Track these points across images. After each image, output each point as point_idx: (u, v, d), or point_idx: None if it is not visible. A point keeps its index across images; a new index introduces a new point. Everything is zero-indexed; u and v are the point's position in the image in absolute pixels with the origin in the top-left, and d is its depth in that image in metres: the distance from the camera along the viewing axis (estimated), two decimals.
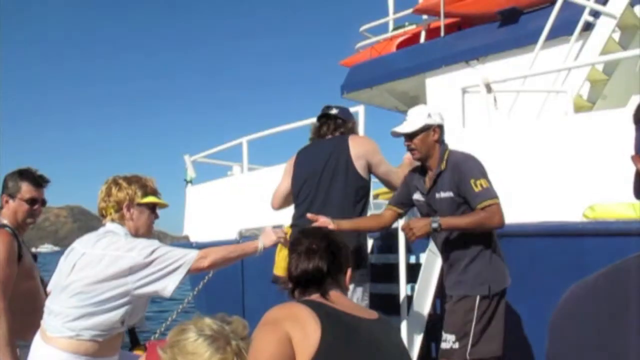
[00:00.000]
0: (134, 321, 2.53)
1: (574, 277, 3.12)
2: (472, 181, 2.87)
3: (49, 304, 2.49)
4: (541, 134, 4.03)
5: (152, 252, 2.38)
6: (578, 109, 4.88)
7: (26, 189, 2.98)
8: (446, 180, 2.98)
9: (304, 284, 1.80)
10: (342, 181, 3.27)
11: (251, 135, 6.22)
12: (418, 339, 3.72)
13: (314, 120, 4.72)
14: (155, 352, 1.90)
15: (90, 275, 2.36)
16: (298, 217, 3.39)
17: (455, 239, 3.01)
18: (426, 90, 6.66)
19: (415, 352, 3.66)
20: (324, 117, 3.56)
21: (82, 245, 2.52)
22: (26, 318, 2.83)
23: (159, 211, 2.74)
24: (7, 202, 2.98)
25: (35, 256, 3.17)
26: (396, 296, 3.76)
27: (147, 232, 2.66)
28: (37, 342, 2.47)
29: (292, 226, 3.37)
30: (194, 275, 2.76)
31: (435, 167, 3.05)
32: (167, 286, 2.38)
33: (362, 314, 1.77)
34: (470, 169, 2.93)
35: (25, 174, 3.02)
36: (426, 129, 3.02)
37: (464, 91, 4.54)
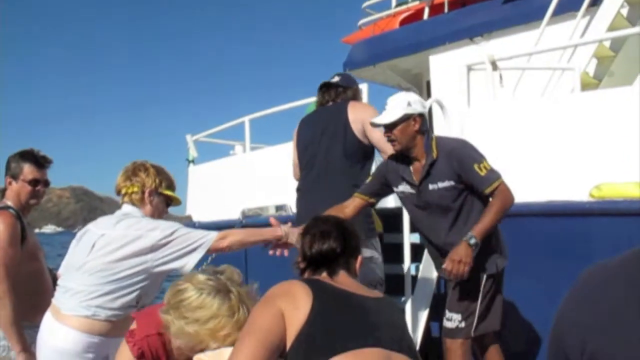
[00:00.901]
0: (148, 301, 2.54)
1: (579, 257, 3.14)
2: (475, 166, 2.81)
3: (64, 283, 2.50)
4: (547, 112, 3.97)
5: (174, 232, 2.42)
6: (584, 86, 4.81)
7: (28, 170, 2.95)
8: (443, 169, 2.90)
9: (316, 264, 1.86)
10: (340, 144, 3.32)
11: (253, 114, 6.17)
12: (422, 319, 3.73)
13: (315, 98, 4.69)
14: (145, 320, 1.92)
15: (112, 253, 2.39)
16: (302, 183, 3.51)
17: (456, 225, 2.95)
18: (429, 68, 6.57)
19: (419, 331, 3.67)
20: (325, 86, 3.60)
21: (100, 227, 2.54)
22: (32, 299, 2.84)
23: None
24: (10, 183, 2.96)
25: None
26: (401, 276, 3.75)
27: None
28: (49, 321, 2.47)
29: (297, 190, 3.50)
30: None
31: (423, 158, 2.96)
32: (187, 264, 2.42)
33: (363, 293, 1.77)
34: (469, 154, 2.87)
35: (27, 155, 2.99)
36: (406, 118, 2.92)
37: (469, 68, 4.47)
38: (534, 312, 3.59)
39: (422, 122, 2.97)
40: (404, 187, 3.06)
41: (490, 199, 2.83)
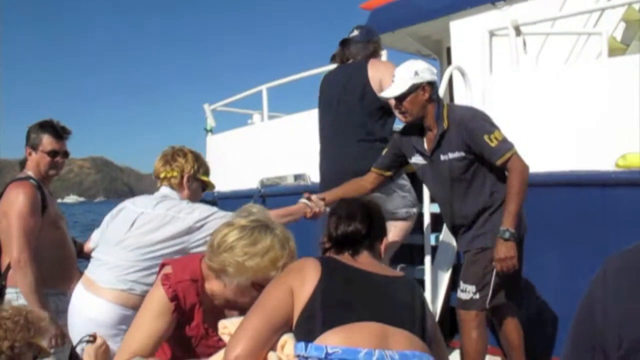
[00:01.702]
0: None
1: (603, 228, 3.08)
2: (485, 137, 2.76)
3: (100, 256, 2.57)
4: (572, 79, 3.86)
5: (211, 214, 2.51)
6: (612, 51, 4.66)
7: (47, 141, 2.97)
8: (453, 139, 2.86)
9: (340, 245, 1.87)
10: (361, 103, 3.38)
11: (271, 82, 6.12)
12: (442, 289, 3.71)
13: (333, 66, 4.66)
14: (180, 266, 1.96)
15: (151, 232, 2.48)
16: (323, 142, 3.61)
17: (467, 196, 2.92)
18: (450, 34, 6.43)
19: (439, 301, 3.66)
20: (345, 42, 3.61)
21: (139, 206, 2.63)
22: (55, 267, 2.90)
23: None
24: (30, 154, 2.99)
25: None
26: (420, 246, 3.73)
27: None
28: (82, 293, 2.54)
29: (320, 150, 3.60)
30: None
31: (435, 127, 2.92)
32: None
33: (379, 272, 1.77)
34: (480, 125, 2.81)
35: (46, 126, 3.00)
36: (414, 88, 2.88)
37: (491, 34, 4.35)
38: (555, 285, 3.55)
39: (432, 90, 2.92)
40: (416, 158, 3.05)
41: (507, 177, 2.78)
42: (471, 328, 2.91)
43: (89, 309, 2.47)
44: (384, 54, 4.38)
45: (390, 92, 2.95)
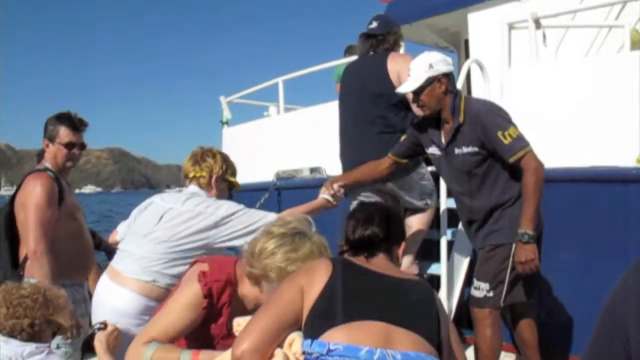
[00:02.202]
0: None
1: (623, 226, 3.02)
2: (499, 133, 2.71)
3: (126, 247, 2.66)
4: (593, 73, 3.79)
5: (237, 211, 2.61)
6: (634, 44, 4.56)
7: (64, 133, 2.99)
8: (467, 134, 2.83)
9: (357, 248, 1.88)
10: (380, 96, 3.41)
11: (287, 75, 6.11)
12: (458, 285, 3.68)
13: (350, 59, 4.66)
14: (217, 266, 2.03)
15: (178, 226, 2.56)
16: (344, 134, 3.67)
17: (480, 191, 2.90)
18: (468, 26, 6.35)
19: (455, 297, 3.63)
20: (365, 35, 3.63)
21: (167, 201, 2.72)
22: (72, 258, 2.92)
23: None
24: (47, 145, 3.01)
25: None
26: (437, 241, 3.70)
27: None
28: (107, 283, 2.60)
29: (340, 142, 3.68)
30: None
31: (451, 120, 2.90)
32: (246, 243, 2.53)
33: (393, 274, 1.77)
34: (494, 120, 2.76)
35: (63, 118, 3.02)
36: (430, 82, 2.86)
37: (510, 27, 4.29)
38: (574, 282, 3.51)
39: (448, 82, 2.90)
40: (433, 150, 3.04)
41: (523, 176, 2.73)
42: (485, 326, 2.88)
43: (113, 298, 2.53)
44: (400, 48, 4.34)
45: (406, 87, 2.95)
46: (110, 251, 4.21)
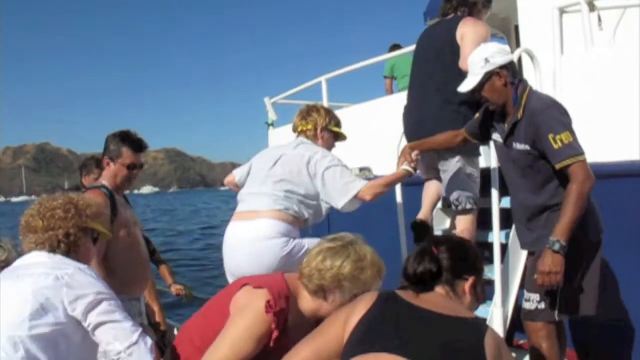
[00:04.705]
0: (311, 223, 3.04)
1: None
2: (550, 136, 2.56)
3: (252, 190, 2.96)
4: None
5: (338, 164, 2.96)
6: None
7: (127, 155, 3.09)
8: (522, 131, 2.71)
9: (413, 283, 1.84)
10: (447, 61, 3.37)
11: (330, 73, 6.03)
12: (513, 290, 3.47)
13: (394, 53, 4.55)
14: (276, 292, 2.03)
15: (292, 167, 2.94)
16: (409, 98, 3.68)
17: (531, 188, 2.76)
18: (518, 12, 6.08)
19: (511, 302, 3.41)
20: None
21: (279, 150, 3.10)
22: (126, 273, 2.97)
23: None
24: (108, 164, 3.10)
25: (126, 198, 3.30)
26: (489, 244, 3.52)
27: None
28: (237, 225, 2.87)
29: (405, 106, 3.71)
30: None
31: (511, 114, 2.78)
32: (340, 203, 2.94)
33: (441, 311, 1.68)
34: (549, 122, 2.60)
35: (128, 139, 3.12)
36: (489, 77, 2.76)
37: (562, 11, 4.05)
38: (617, 289, 3.29)
39: (510, 73, 2.78)
40: (496, 137, 2.96)
41: (568, 186, 2.57)
42: (540, 338, 2.72)
43: (249, 232, 2.79)
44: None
45: (465, 86, 2.87)
46: (159, 262, 4.27)
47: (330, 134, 3.22)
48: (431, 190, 3.70)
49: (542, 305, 2.71)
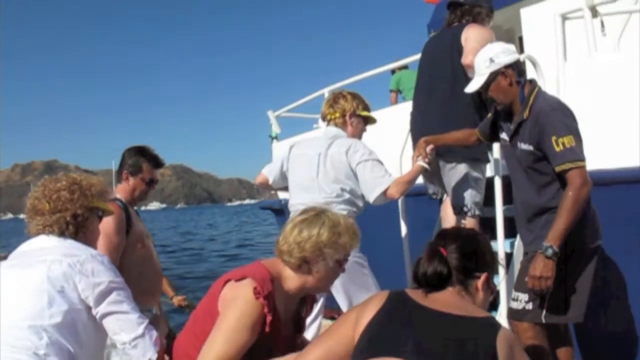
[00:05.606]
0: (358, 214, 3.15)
1: None
2: (553, 138, 2.55)
3: (306, 200, 3.00)
4: None
5: (370, 158, 3.05)
6: None
7: (147, 170, 3.15)
8: (527, 131, 2.71)
9: (422, 285, 1.79)
10: (452, 68, 3.42)
11: (332, 85, 6.01)
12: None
13: (397, 63, 4.58)
14: (259, 276, 2.03)
15: (334, 167, 3.08)
16: (416, 104, 3.72)
17: (534, 186, 2.75)
18: (521, 22, 6.07)
19: None
20: (452, 4, 3.62)
21: (312, 149, 3.21)
22: (140, 284, 2.92)
23: None
24: (127, 178, 3.13)
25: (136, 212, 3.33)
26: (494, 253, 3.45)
27: (359, 139, 3.31)
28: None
29: (411, 111, 3.76)
30: None
31: (517, 113, 2.78)
32: (370, 196, 3.06)
33: (452, 311, 1.65)
34: (553, 124, 2.59)
35: (147, 155, 3.17)
36: (494, 77, 2.76)
37: (564, 18, 4.02)
38: (614, 296, 3.23)
39: (514, 73, 2.79)
40: (504, 136, 2.96)
41: (565, 191, 2.55)
42: (526, 339, 2.67)
43: None
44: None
45: (471, 87, 2.89)
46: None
47: (358, 118, 3.26)
48: (449, 213, 3.60)
49: (530, 306, 2.68)
